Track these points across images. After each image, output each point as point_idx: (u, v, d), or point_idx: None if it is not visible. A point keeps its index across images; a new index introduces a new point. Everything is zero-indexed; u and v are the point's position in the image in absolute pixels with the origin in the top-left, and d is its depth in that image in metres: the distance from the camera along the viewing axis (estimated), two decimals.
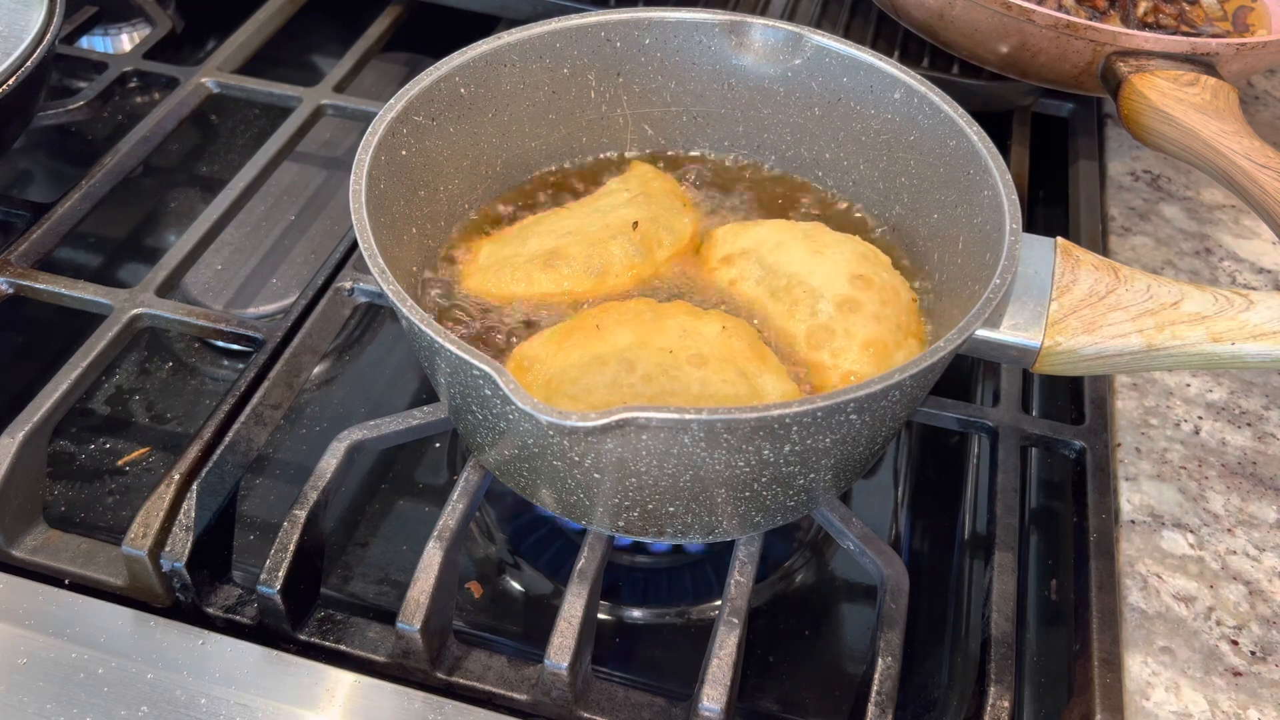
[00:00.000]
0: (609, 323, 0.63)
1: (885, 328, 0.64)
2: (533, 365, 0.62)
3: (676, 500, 0.57)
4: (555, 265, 0.68)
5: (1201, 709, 0.60)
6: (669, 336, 0.62)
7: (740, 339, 0.63)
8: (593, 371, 0.60)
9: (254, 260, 0.94)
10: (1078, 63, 0.91)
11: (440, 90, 0.68)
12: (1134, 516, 0.69)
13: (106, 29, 1.16)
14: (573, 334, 0.63)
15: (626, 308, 0.64)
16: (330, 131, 1.06)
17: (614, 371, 0.60)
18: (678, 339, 0.62)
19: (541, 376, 0.61)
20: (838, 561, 0.78)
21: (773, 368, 0.62)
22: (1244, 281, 0.87)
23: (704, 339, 0.62)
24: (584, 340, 0.62)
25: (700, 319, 0.63)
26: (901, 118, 0.71)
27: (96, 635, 0.62)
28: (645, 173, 0.76)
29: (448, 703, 0.61)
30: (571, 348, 0.62)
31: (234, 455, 0.68)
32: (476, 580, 0.75)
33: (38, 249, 0.82)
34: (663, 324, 0.63)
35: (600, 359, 0.61)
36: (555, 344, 0.62)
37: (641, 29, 0.74)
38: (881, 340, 0.63)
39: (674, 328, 0.62)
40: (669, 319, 0.63)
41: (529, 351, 0.63)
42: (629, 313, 0.63)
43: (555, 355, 0.62)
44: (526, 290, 0.67)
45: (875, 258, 0.68)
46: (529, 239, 0.70)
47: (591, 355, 0.61)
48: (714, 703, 0.58)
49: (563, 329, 0.64)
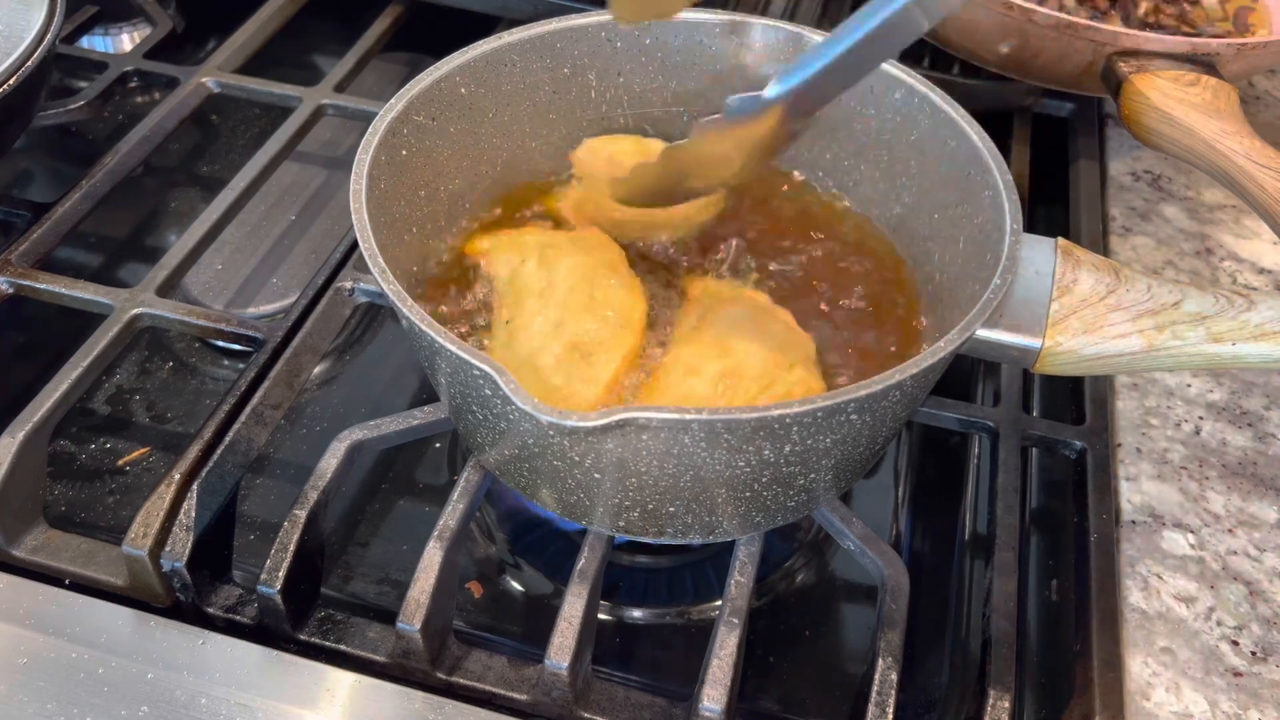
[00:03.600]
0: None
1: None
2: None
3: (677, 500, 0.57)
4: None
5: (1202, 709, 0.60)
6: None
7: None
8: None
9: (254, 260, 0.94)
10: (1078, 63, 0.91)
11: (441, 90, 0.68)
12: (1134, 517, 0.69)
13: (107, 29, 1.16)
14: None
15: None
16: (330, 131, 1.06)
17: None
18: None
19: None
20: (838, 561, 0.78)
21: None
22: (1245, 282, 0.87)
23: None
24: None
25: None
26: (902, 118, 0.71)
27: (97, 635, 0.62)
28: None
29: (448, 703, 0.61)
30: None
31: (234, 455, 0.68)
32: (476, 580, 0.75)
33: (38, 249, 0.82)
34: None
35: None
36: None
37: (642, 29, 0.74)
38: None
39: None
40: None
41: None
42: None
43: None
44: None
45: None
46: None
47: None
48: (714, 703, 0.58)
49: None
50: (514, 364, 0.62)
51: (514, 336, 0.63)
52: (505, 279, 0.67)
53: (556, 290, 0.64)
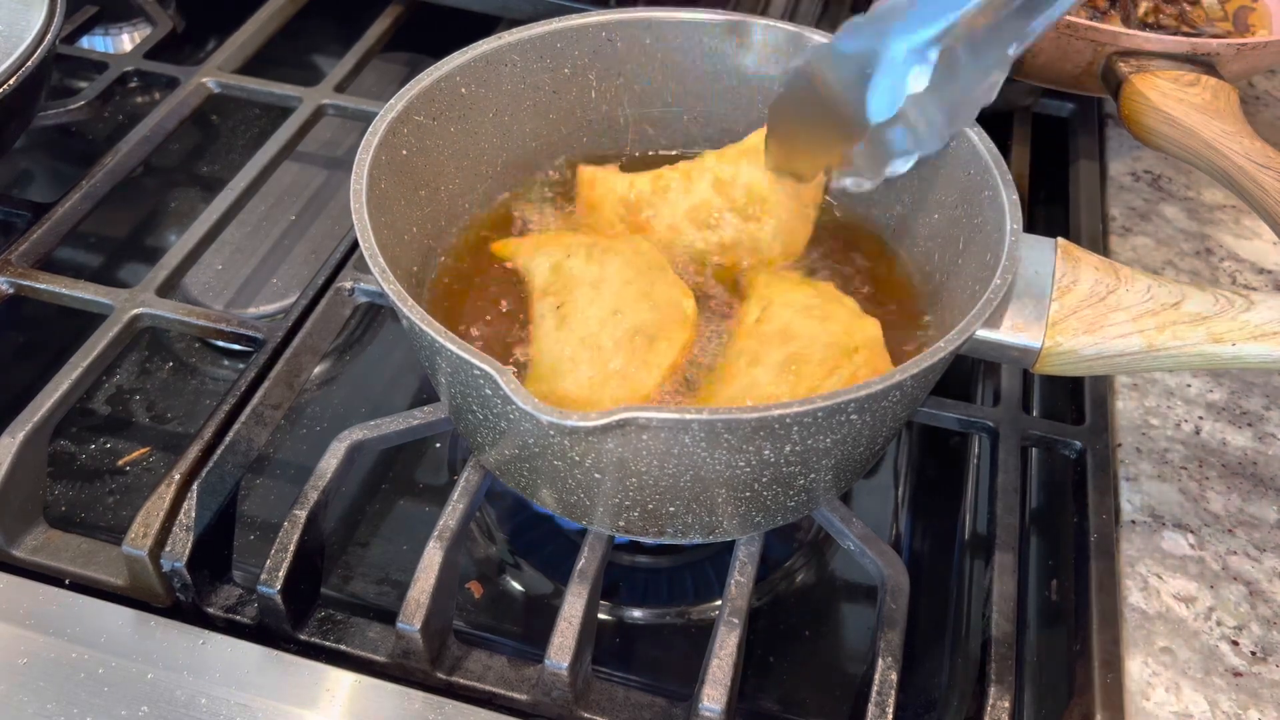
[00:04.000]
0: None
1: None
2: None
3: (677, 500, 0.57)
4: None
5: (1202, 709, 0.60)
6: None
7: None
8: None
9: (254, 260, 0.94)
10: (1078, 63, 0.91)
11: (441, 90, 0.68)
12: (1134, 517, 0.69)
13: (107, 29, 1.16)
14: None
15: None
16: (331, 131, 1.06)
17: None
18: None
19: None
20: (838, 561, 0.78)
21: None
22: (1245, 282, 0.87)
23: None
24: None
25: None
26: None
27: (97, 635, 0.62)
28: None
29: (448, 703, 0.61)
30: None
31: (234, 455, 0.68)
32: (476, 580, 0.75)
33: (38, 249, 0.82)
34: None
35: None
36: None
37: (642, 29, 0.74)
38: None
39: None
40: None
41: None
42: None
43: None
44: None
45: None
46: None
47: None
48: (714, 703, 0.58)
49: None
50: (571, 345, 0.61)
51: (567, 319, 0.63)
52: (547, 271, 0.67)
53: (610, 282, 0.64)
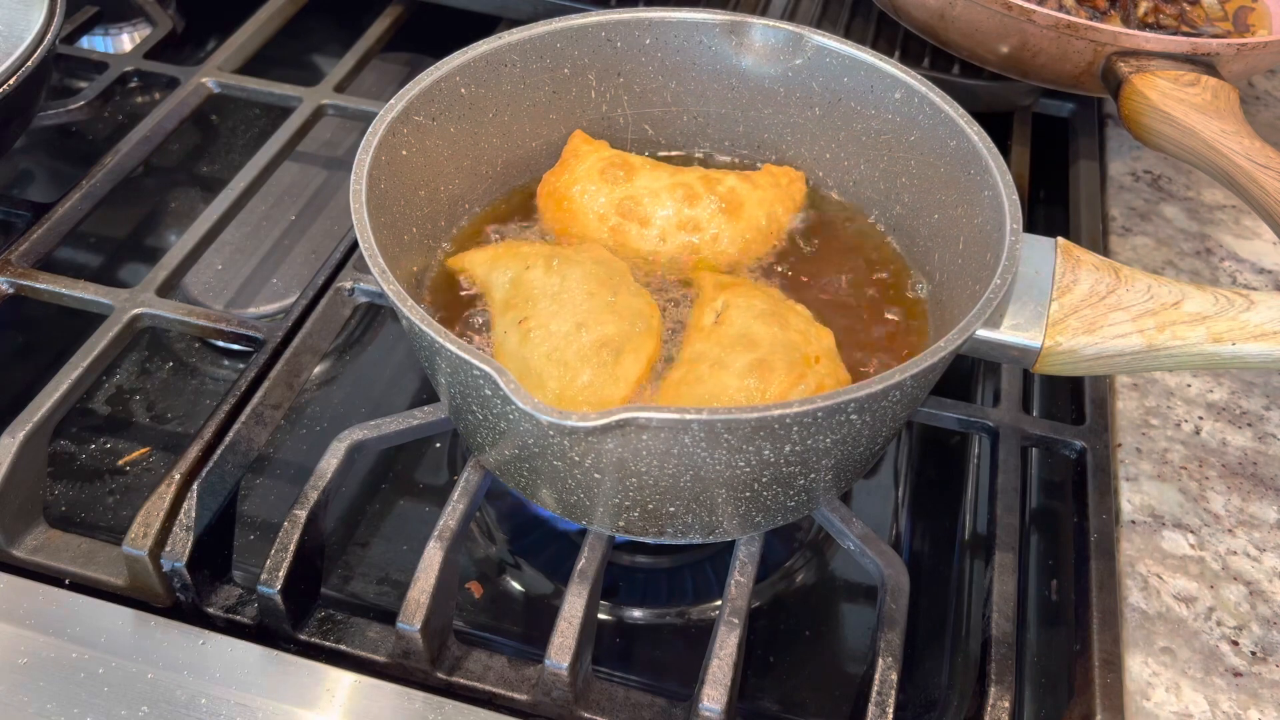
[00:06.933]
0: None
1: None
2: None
3: (677, 500, 0.57)
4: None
5: (1202, 709, 0.60)
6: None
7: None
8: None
9: (254, 260, 0.94)
10: (1078, 63, 0.91)
11: (441, 90, 0.68)
12: (1134, 517, 0.69)
13: (107, 29, 1.16)
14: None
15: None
16: (330, 131, 1.06)
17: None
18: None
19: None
20: (838, 561, 0.78)
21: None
22: (1245, 282, 0.87)
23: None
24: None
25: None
26: (902, 118, 0.71)
27: (97, 635, 0.62)
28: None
29: (448, 703, 0.61)
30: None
31: (234, 455, 0.68)
32: (476, 580, 0.75)
33: (38, 249, 0.82)
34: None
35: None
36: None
37: (642, 29, 0.74)
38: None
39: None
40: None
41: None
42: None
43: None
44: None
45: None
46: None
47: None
48: (714, 703, 0.58)
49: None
50: (535, 360, 0.61)
51: (530, 334, 0.62)
52: (507, 284, 0.66)
53: (573, 294, 0.63)
